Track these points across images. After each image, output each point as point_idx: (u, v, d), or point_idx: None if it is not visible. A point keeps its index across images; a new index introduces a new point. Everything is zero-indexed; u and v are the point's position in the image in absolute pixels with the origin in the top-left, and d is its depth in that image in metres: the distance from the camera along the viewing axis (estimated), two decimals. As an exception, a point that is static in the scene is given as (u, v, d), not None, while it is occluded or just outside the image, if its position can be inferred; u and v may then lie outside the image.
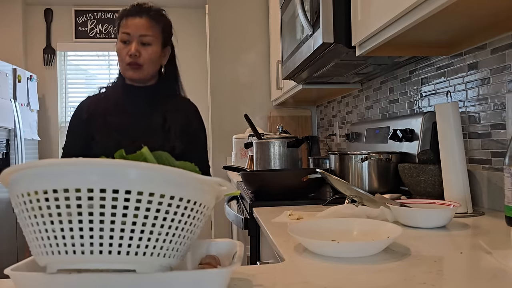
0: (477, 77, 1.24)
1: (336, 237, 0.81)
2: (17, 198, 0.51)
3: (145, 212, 0.49)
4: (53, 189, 0.48)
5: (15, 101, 3.43)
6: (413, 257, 0.71)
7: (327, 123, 2.87)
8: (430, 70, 1.49)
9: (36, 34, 4.17)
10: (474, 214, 1.09)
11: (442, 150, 1.15)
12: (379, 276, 0.62)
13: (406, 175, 1.30)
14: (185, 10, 4.31)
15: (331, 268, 0.66)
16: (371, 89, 2.05)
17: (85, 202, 0.48)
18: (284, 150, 1.87)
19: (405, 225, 0.96)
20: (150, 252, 0.51)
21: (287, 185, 1.42)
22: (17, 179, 0.50)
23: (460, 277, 0.62)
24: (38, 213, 0.49)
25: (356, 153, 1.48)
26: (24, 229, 0.52)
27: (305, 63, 1.63)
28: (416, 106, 1.60)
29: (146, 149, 0.55)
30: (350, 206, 1.06)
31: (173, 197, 0.51)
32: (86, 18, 4.23)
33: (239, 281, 0.61)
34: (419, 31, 1.10)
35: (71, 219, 0.48)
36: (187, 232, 0.54)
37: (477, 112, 1.24)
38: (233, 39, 3.21)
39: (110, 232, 0.49)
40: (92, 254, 0.49)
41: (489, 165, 1.19)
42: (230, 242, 0.67)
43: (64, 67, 4.28)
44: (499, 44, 1.14)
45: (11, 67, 3.44)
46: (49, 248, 0.50)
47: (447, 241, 0.83)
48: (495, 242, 0.80)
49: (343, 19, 1.31)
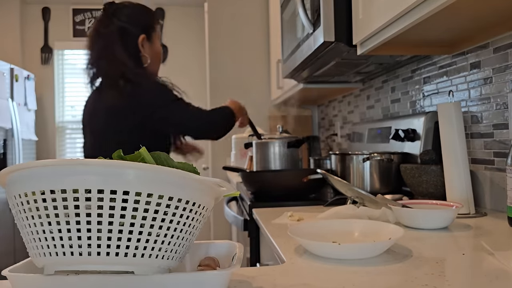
0: (479, 76, 1.23)
1: (337, 238, 0.81)
2: (14, 199, 0.51)
3: (143, 213, 0.49)
4: (51, 190, 0.48)
5: (12, 100, 3.42)
6: (415, 259, 0.71)
7: (328, 123, 2.86)
8: (432, 69, 1.48)
9: (34, 33, 4.16)
10: (476, 215, 1.08)
11: (444, 150, 1.14)
12: (381, 278, 0.61)
13: (408, 176, 1.29)
14: (184, 8, 4.30)
15: (332, 270, 0.66)
16: (372, 88, 2.04)
17: (82, 203, 0.48)
18: (284, 150, 1.86)
19: (407, 226, 0.95)
20: (149, 254, 0.50)
21: (288, 185, 1.41)
22: (14, 180, 0.50)
23: (462, 279, 0.61)
24: (36, 214, 0.49)
25: (358, 153, 1.48)
26: (21, 230, 0.52)
27: (305, 62, 1.63)
28: (418, 105, 1.59)
29: (144, 150, 0.54)
30: (351, 207, 1.05)
31: (171, 198, 0.50)
32: (83, 16, 4.22)
33: (239, 283, 0.60)
34: (421, 30, 1.09)
35: (69, 220, 0.48)
36: (186, 234, 0.54)
37: (479, 112, 1.24)
38: (233, 37, 3.21)
39: (108, 233, 0.48)
40: (90, 255, 0.49)
41: (492, 166, 1.19)
42: (229, 244, 0.67)
43: (61, 66, 4.27)
44: (501, 43, 1.13)
45: (9, 66, 3.43)
46: (47, 249, 0.49)
47: (449, 242, 0.82)
48: (498, 243, 0.79)
49: (344, 18, 1.30)
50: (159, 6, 4.27)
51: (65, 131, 4.26)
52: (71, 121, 4.29)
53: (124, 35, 1.46)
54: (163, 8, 4.29)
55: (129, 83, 1.39)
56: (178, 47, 4.25)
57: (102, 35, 1.48)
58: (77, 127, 4.27)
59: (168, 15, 4.31)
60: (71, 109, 4.30)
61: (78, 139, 4.31)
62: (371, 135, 1.80)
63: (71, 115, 4.30)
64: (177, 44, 4.25)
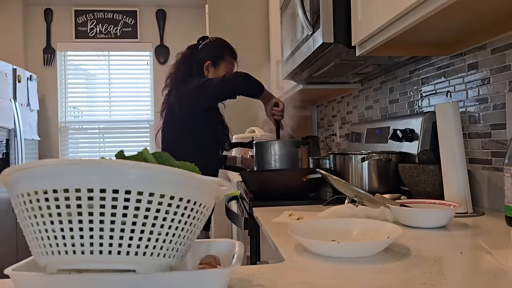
0: (477, 77, 1.24)
1: (336, 237, 0.81)
2: (17, 198, 0.51)
3: (145, 212, 0.49)
4: (53, 189, 0.48)
5: (15, 101, 3.43)
6: (413, 257, 0.71)
7: (327, 123, 2.87)
8: (430, 70, 1.49)
9: (36, 34, 4.17)
10: (474, 214, 1.09)
11: (442, 150, 1.15)
12: (379, 276, 0.62)
13: (406, 175, 1.30)
14: (185, 10, 4.31)
15: (331, 268, 0.66)
16: (371, 89, 2.04)
17: (85, 202, 0.48)
18: (284, 150, 1.86)
19: (405, 225, 0.95)
20: (150, 252, 0.51)
21: (287, 185, 1.42)
22: (17, 179, 0.50)
23: (460, 277, 0.62)
24: (38, 213, 0.49)
25: (356, 153, 1.48)
26: (24, 229, 0.52)
27: (305, 63, 1.63)
28: (416, 106, 1.60)
29: (146, 150, 0.55)
30: (350, 206, 1.06)
31: (173, 197, 0.51)
32: (86, 18, 4.23)
33: (239, 281, 0.61)
34: (419, 31, 1.10)
35: (71, 219, 0.48)
36: (187, 232, 0.54)
37: (477, 112, 1.24)
38: (233, 39, 3.18)
39: (110, 232, 0.49)
40: (92, 254, 0.49)
41: (489, 165, 1.19)
42: (230, 242, 0.67)
43: (64, 67, 4.28)
44: (499, 44, 1.14)
45: (11, 67, 3.44)
46: (49, 248, 0.50)
47: (447, 241, 0.83)
48: (495, 242, 0.80)
49: (343, 19, 1.31)
50: (160, 8, 4.28)
51: (67, 131, 4.27)
52: (73, 122, 4.30)
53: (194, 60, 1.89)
54: (165, 9, 4.30)
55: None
56: (179, 48, 4.24)
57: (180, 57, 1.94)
58: (79, 127, 4.28)
59: (170, 16, 4.32)
60: (73, 110, 4.31)
61: (80, 139, 4.32)
62: (370, 135, 1.80)
63: (74, 115, 4.31)
64: (178, 45, 4.25)
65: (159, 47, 4.30)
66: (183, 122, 1.77)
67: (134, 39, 4.28)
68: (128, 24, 4.28)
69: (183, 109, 1.76)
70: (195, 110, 1.76)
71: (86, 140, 4.35)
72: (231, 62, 1.93)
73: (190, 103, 1.75)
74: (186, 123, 1.77)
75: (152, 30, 4.31)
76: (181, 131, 1.79)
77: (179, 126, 1.79)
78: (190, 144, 1.78)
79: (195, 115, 1.77)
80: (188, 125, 1.77)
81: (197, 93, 1.72)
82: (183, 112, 1.76)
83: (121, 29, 4.26)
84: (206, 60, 1.87)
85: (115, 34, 4.26)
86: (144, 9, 4.29)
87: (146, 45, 4.31)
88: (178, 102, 1.77)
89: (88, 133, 4.34)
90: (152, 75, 4.33)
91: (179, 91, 1.79)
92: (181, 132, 1.79)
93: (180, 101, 1.77)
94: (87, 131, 4.34)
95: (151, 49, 4.32)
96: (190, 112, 1.76)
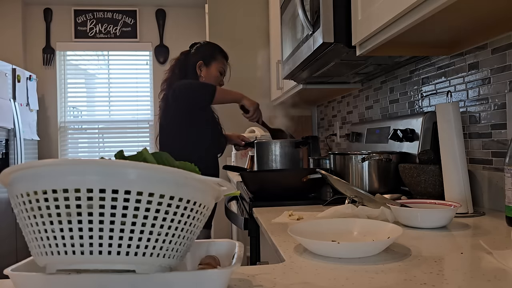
0: (477, 77, 1.24)
1: (336, 237, 0.81)
2: (16, 198, 0.51)
3: (144, 212, 0.49)
4: (53, 189, 0.48)
5: (15, 101, 3.43)
6: (414, 258, 0.71)
7: (327, 123, 2.87)
8: (430, 70, 1.49)
9: (36, 34, 4.17)
10: (474, 214, 1.09)
11: (443, 150, 1.15)
12: (380, 277, 0.62)
13: (406, 175, 1.30)
14: (184, 9, 4.31)
15: (331, 269, 0.66)
16: (371, 89, 2.04)
17: (84, 202, 0.48)
18: (284, 150, 1.86)
19: (406, 226, 0.95)
20: (150, 253, 0.51)
21: (287, 185, 1.42)
22: (17, 179, 0.50)
23: (460, 278, 0.62)
24: (38, 213, 0.49)
25: (357, 153, 1.48)
26: (23, 229, 0.52)
27: (305, 62, 1.63)
28: (417, 106, 1.60)
29: (145, 150, 0.55)
30: (350, 206, 1.06)
31: (172, 197, 0.51)
32: (85, 17, 4.23)
33: (239, 281, 0.61)
34: (420, 31, 1.10)
35: (71, 219, 0.48)
36: (187, 233, 0.54)
37: (477, 112, 1.24)
38: (233, 38, 3.21)
39: (110, 233, 0.49)
40: (92, 254, 0.49)
41: (490, 165, 1.19)
42: (229, 243, 0.67)
43: (63, 67, 4.27)
44: (499, 44, 1.14)
45: (11, 67, 3.43)
46: (49, 249, 0.50)
47: (448, 241, 0.83)
48: (496, 243, 0.80)
49: (343, 19, 1.31)
50: (160, 7, 4.27)
51: (67, 131, 4.27)
52: (73, 122, 4.29)
53: (187, 63, 1.99)
54: (164, 9, 4.29)
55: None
56: (179, 48, 4.23)
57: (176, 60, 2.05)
58: (79, 127, 4.28)
59: (169, 16, 4.31)
60: (73, 110, 4.31)
61: (80, 139, 4.32)
62: (370, 135, 1.80)
63: (73, 115, 4.31)
64: (178, 45, 4.25)
65: (159, 47, 4.30)
66: (179, 121, 1.84)
67: (133, 39, 4.28)
68: (128, 24, 4.27)
69: (180, 108, 1.82)
70: (191, 108, 1.82)
71: (86, 140, 4.34)
72: (223, 62, 2.02)
73: (186, 101, 1.82)
74: (182, 122, 1.84)
75: (152, 30, 4.31)
76: (176, 130, 1.85)
77: (175, 125, 1.85)
78: (187, 144, 1.81)
79: (191, 113, 1.83)
80: (184, 124, 1.83)
81: (191, 92, 1.81)
82: (178, 111, 1.83)
83: (120, 29, 4.26)
84: (198, 61, 1.97)
85: (114, 34, 4.26)
86: (144, 9, 4.29)
87: (146, 45, 4.30)
88: (174, 99, 1.83)
89: (88, 133, 4.34)
90: (152, 75, 4.33)
91: (174, 90, 1.85)
92: (177, 131, 1.85)
93: (176, 99, 1.83)
94: (86, 131, 4.33)
95: (150, 49, 4.31)
96: (187, 110, 1.82)
